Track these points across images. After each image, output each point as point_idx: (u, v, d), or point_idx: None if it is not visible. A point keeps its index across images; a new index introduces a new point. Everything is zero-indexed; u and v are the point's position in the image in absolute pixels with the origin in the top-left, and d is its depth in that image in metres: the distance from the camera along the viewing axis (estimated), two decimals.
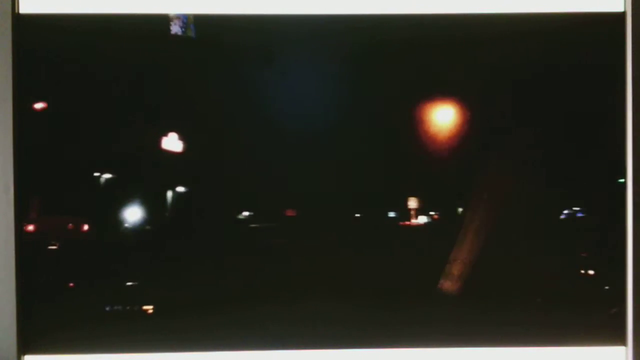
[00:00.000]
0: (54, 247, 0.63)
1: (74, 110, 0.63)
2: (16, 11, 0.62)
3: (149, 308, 0.64)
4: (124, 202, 0.63)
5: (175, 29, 0.62)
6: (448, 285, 0.64)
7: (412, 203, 0.64)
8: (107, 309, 0.63)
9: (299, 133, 0.64)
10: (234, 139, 0.64)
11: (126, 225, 0.64)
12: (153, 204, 0.64)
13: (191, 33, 0.63)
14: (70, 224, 0.64)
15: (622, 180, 0.63)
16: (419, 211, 0.64)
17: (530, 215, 0.64)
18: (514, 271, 0.64)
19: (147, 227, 0.64)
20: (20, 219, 0.62)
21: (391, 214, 0.64)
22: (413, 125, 0.64)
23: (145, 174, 0.64)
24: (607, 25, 0.64)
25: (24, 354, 0.63)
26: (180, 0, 0.63)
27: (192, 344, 0.64)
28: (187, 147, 0.64)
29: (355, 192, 0.64)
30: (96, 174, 0.63)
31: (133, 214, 0.64)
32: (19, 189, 0.62)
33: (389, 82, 0.64)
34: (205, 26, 0.63)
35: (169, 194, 0.64)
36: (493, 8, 0.64)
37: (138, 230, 0.64)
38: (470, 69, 0.64)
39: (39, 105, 0.63)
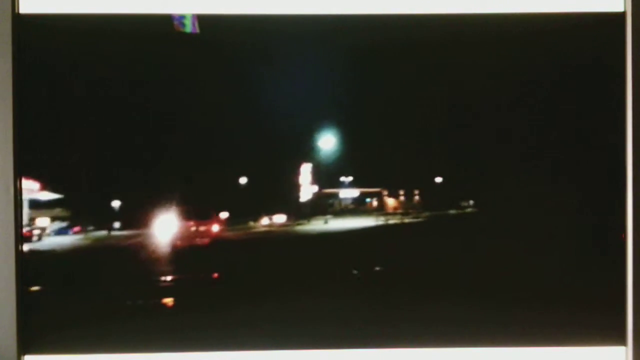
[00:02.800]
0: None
1: (73, 110, 0.63)
2: (16, 11, 0.62)
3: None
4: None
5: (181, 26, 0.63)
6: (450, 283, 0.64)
7: None
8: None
9: None
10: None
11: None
12: None
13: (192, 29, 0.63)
14: None
15: (622, 180, 0.64)
16: None
17: (530, 214, 0.64)
18: (514, 271, 0.64)
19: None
20: (20, 219, 0.62)
21: None
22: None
23: None
24: (607, 25, 0.64)
25: (24, 354, 0.63)
26: (180, 0, 0.63)
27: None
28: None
29: None
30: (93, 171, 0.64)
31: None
32: (19, 189, 0.62)
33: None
34: None
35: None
36: (492, 8, 0.64)
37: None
38: (469, 70, 0.64)
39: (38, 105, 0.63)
